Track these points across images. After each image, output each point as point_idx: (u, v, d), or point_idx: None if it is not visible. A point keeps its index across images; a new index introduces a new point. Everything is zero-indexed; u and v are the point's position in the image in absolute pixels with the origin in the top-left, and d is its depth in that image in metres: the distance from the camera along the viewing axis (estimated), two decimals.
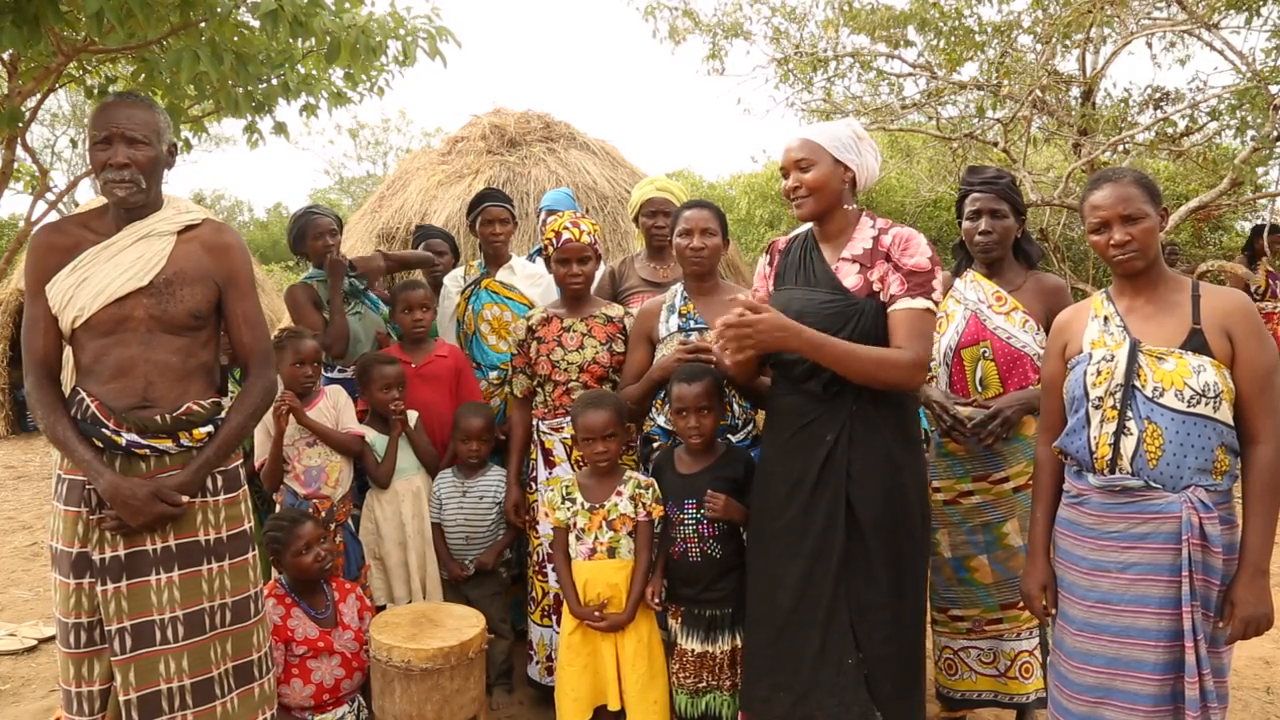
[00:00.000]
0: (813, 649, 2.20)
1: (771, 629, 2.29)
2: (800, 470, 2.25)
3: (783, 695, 2.24)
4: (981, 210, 2.74)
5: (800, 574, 2.23)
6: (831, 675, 2.18)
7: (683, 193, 3.61)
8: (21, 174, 4.55)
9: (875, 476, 2.21)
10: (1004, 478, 2.68)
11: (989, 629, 2.72)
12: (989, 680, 2.75)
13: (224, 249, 2.25)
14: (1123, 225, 1.99)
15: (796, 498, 2.25)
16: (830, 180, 2.24)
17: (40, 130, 17.37)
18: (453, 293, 3.81)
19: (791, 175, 2.27)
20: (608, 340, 2.99)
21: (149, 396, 2.13)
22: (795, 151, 2.26)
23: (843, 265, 2.27)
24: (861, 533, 2.20)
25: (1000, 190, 2.74)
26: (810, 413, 2.25)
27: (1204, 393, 1.91)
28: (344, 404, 3.19)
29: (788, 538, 2.26)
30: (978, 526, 2.69)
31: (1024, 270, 2.79)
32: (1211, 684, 1.87)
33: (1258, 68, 6.26)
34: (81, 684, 2.12)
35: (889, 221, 2.31)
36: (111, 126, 2.08)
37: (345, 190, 25.08)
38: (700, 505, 2.56)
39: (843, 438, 2.21)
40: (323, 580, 2.81)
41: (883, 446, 2.22)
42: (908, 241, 2.22)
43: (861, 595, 2.20)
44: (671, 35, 8.08)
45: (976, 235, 2.74)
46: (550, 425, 3.03)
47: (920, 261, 2.19)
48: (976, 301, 2.73)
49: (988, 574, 2.69)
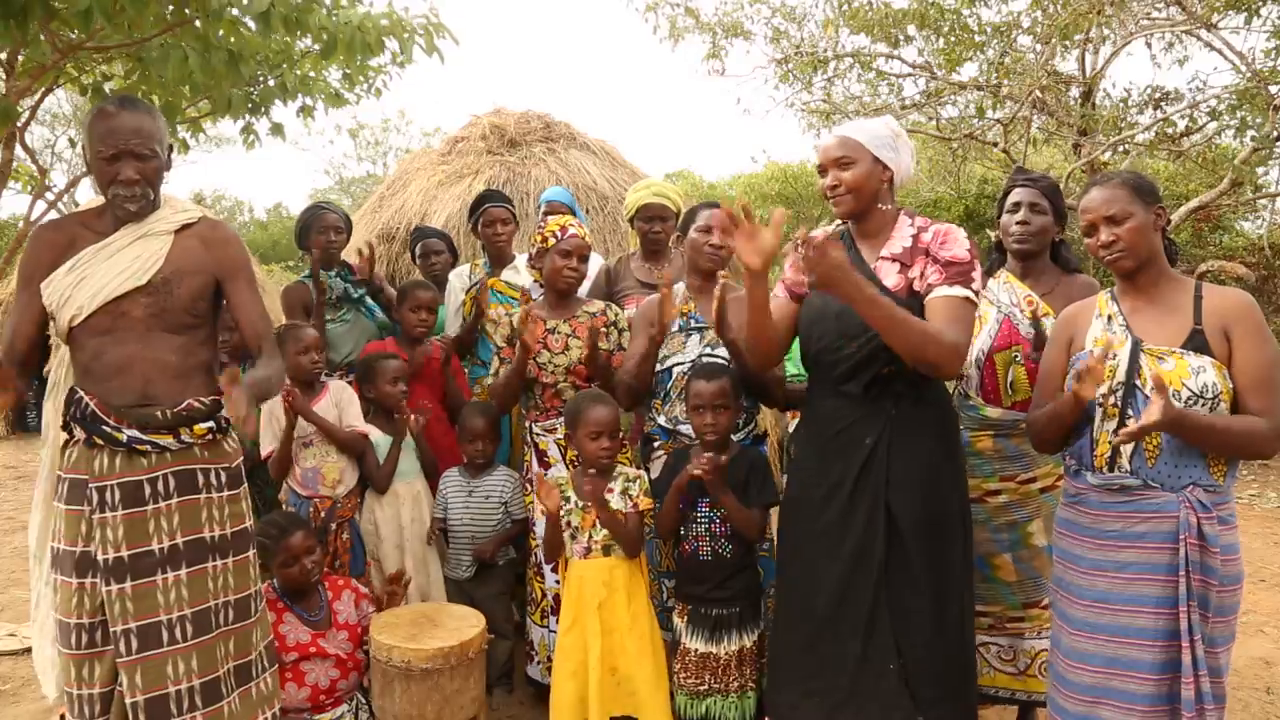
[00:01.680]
0: (854, 655, 2.16)
1: (806, 634, 2.25)
2: (839, 474, 2.22)
3: (816, 701, 2.20)
4: (1022, 203, 2.74)
5: (839, 578, 2.19)
6: (873, 682, 2.15)
7: (680, 197, 3.61)
8: (20, 174, 4.54)
9: (915, 481, 2.17)
10: (1031, 478, 2.67)
11: (1010, 626, 2.72)
12: (1007, 677, 2.75)
13: (221, 242, 2.25)
14: (1108, 226, 2.01)
15: (834, 501, 2.22)
16: (870, 179, 2.20)
17: (40, 130, 17.40)
18: (458, 290, 3.82)
19: (830, 173, 2.22)
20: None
21: (148, 394, 2.13)
22: (835, 150, 2.22)
23: (883, 264, 2.22)
24: (902, 538, 2.16)
25: (1043, 188, 2.76)
26: (849, 416, 2.23)
27: (1201, 394, 1.91)
28: (347, 400, 3.17)
29: (825, 541, 2.23)
30: (1003, 525, 2.69)
31: (1058, 275, 2.78)
32: (1208, 684, 1.87)
33: (1257, 68, 6.26)
34: (82, 686, 2.10)
35: (927, 219, 2.28)
36: (120, 144, 2.07)
37: (345, 190, 25.10)
38: (714, 505, 2.56)
39: (882, 442, 2.18)
40: (316, 582, 2.79)
41: (923, 451, 2.19)
42: (947, 234, 2.19)
43: (903, 600, 2.16)
44: (671, 33, 8.08)
45: (1014, 225, 2.74)
46: (543, 427, 3.03)
47: (959, 253, 2.16)
48: (1010, 305, 2.72)
49: (1011, 572, 2.69)
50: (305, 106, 3.63)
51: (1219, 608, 1.93)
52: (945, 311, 2.11)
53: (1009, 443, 2.66)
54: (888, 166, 2.22)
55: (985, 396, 2.71)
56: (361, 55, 3.17)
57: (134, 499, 2.09)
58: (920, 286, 2.17)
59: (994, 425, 2.66)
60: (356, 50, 3.10)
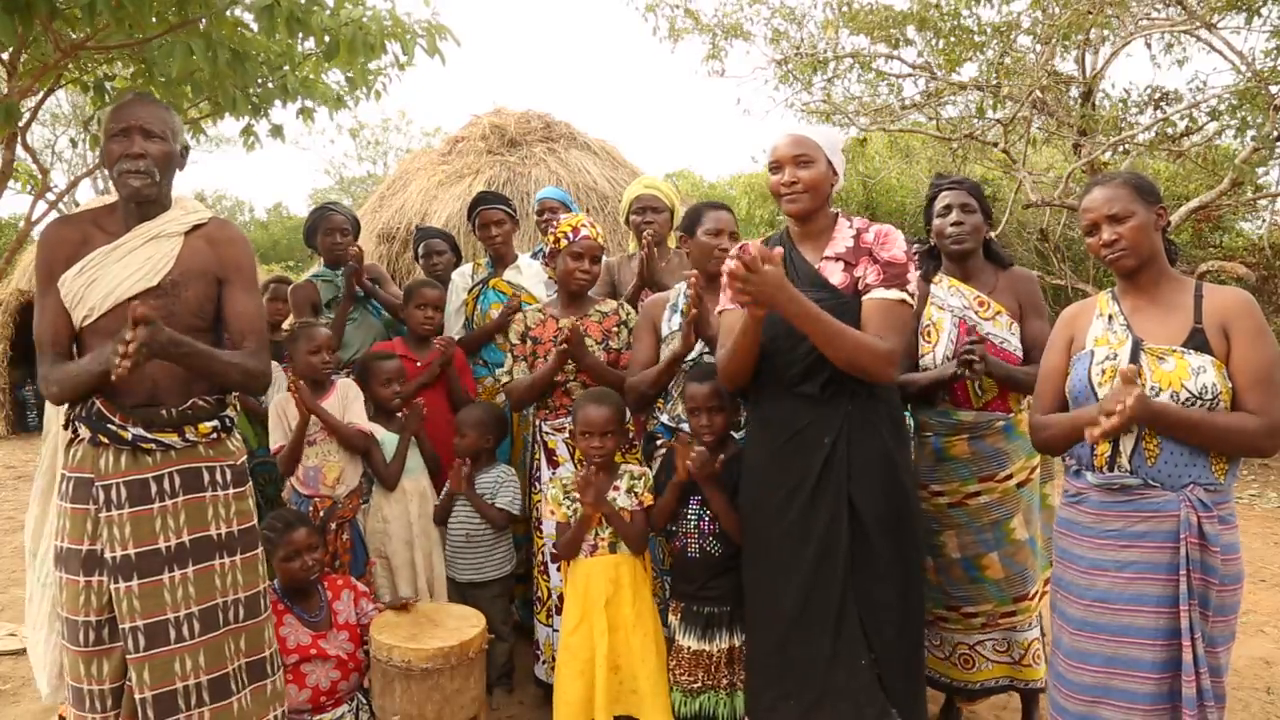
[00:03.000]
0: (824, 653, 2.18)
1: (776, 636, 2.27)
2: (799, 475, 2.23)
3: (792, 704, 2.22)
4: (952, 205, 2.81)
5: (805, 578, 2.21)
6: (845, 678, 2.16)
7: (672, 190, 3.63)
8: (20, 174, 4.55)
9: (875, 475, 2.21)
10: (1009, 475, 2.69)
11: (1003, 621, 2.74)
12: (1004, 667, 2.79)
13: (226, 242, 2.26)
14: (1110, 225, 2.02)
15: (795, 502, 2.24)
16: (825, 180, 2.26)
17: (41, 130, 17.39)
18: (460, 289, 3.83)
19: (787, 170, 2.26)
20: (604, 337, 3.00)
21: (155, 396, 2.13)
22: (794, 147, 2.25)
23: (827, 264, 2.28)
24: (865, 532, 2.19)
25: (968, 189, 2.83)
26: (805, 416, 2.24)
27: (1201, 395, 1.91)
28: (353, 398, 3.18)
29: (788, 543, 2.25)
30: (986, 525, 2.70)
31: (996, 271, 2.84)
32: (1209, 683, 1.87)
33: (1257, 68, 6.27)
34: (91, 682, 2.12)
35: (865, 221, 2.34)
36: (130, 119, 2.09)
37: (346, 190, 25.08)
38: (705, 503, 2.56)
39: (841, 439, 2.21)
40: (315, 581, 2.80)
41: (880, 444, 2.23)
42: (887, 235, 2.26)
43: (871, 594, 2.19)
44: (671, 34, 8.09)
45: (949, 228, 2.79)
46: (552, 425, 3.04)
47: (896, 254, 2.22)
48: (963, 308, 2.75)
49: (999, 570, 2.70)
50: (305, 109, 3.63)
51: (1219, 607, 1.93)
52: (881, 315, 2.16)
53: (984, 444, 2.68)
54: (835, 171, 2.29)
55: (955, 401, 2.73)
56: (364, 57, 3.17)
57: (140, 497, 2.10)
58: (862, 285, 2.22)
59: (969, 429, 2.68)
60: (358, 52, 3.10)
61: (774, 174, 2.31)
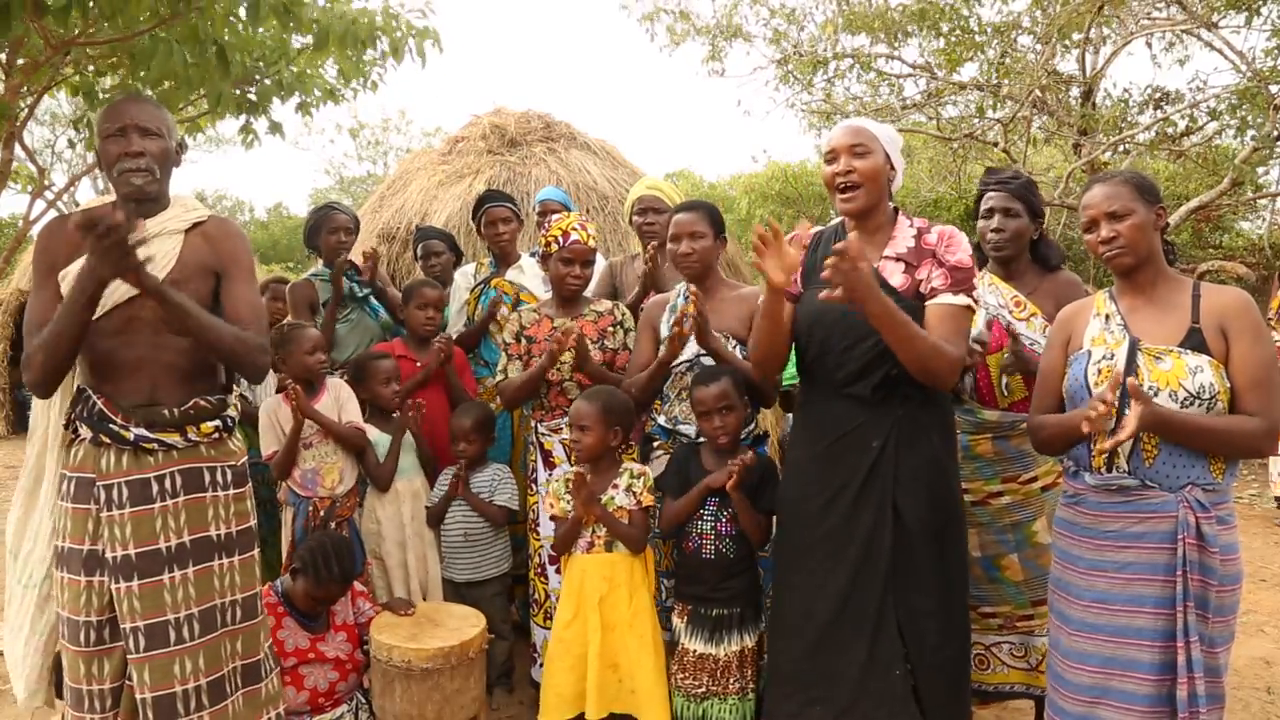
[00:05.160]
0: (859, 660, 2.13)
1: (807, 642, 2.21)
2: (843, 478, 2.19)
3: (819, 710, 2.18)
4: (995, 209, 2.74)
5: (844, 583, 2.16)
6: (879, 685, 2.12)
7: (674, 191, 3.63)
8: (19, 175, 4.55)
9: (922, 481, 2.16)
10: (1033, 478, 2.67)
11: (1020, 625, 2.72)
12: (1020, 673, 2.75)
13: (224, 237, 2.26)
14: (1109, 222, 2.02)
15: (838, 506, 2.19)
16: (882, 172, 2.19)
17: (40, 130, 17.38)
18: (462, 289, 3.83)
19: (842, 159, 2.17)
20: (600, 337, 3.00)
21: (156, 396, 2.13)
22: (850, 137, 2.18)
23: (887, 264, 2.19)
24: (909, 538, 2.15)
25: (1014, 190, 2.74)
26: (855, 419, 2.19)
27: (1198, 395, 1.91)
28: (346, 397, 3.17)
29: (828, 547, 2.20)
30: (1007, 526, 2.69)
31: (1041, 273, 2.78)
32: (1203, 686, 1.86)
33: (1257, 67, 6.26)
34: (91, 682, 2.11)
35: (926, 221, 2.26)
36: (125, 119, 2.09)
37: (345, 190, 25.07)
38: (721, 504, 2.56)
39: (889, 443, 2.16)
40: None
41: (929, 450, 2.18)
42: (952, 238, 2.18)
43: (911, 602, 2.14)
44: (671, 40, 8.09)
45: (989, 233, 2.74)
46: (549, 426, 3.03)
47: (963, 258, 2.15)
48: (998, 307, 2.72)
49: (1018, 571, 2.69)
50: (303, 103, 3.63)
51: (1218, 607, 1.93)
52: (948, 322, 2.10)
53: (1008, 444, 2.66)
54: (894, 167, 2.23)
55: (980, 399, 2.71)
56: (353, 51, 3.17)
57: (141, 497, 2.10)
58: (925, 289, 2.15)
59: (992, 428, 2.66)
60: (348, 44, 3.10)
61: (829, 165, 2.22)
